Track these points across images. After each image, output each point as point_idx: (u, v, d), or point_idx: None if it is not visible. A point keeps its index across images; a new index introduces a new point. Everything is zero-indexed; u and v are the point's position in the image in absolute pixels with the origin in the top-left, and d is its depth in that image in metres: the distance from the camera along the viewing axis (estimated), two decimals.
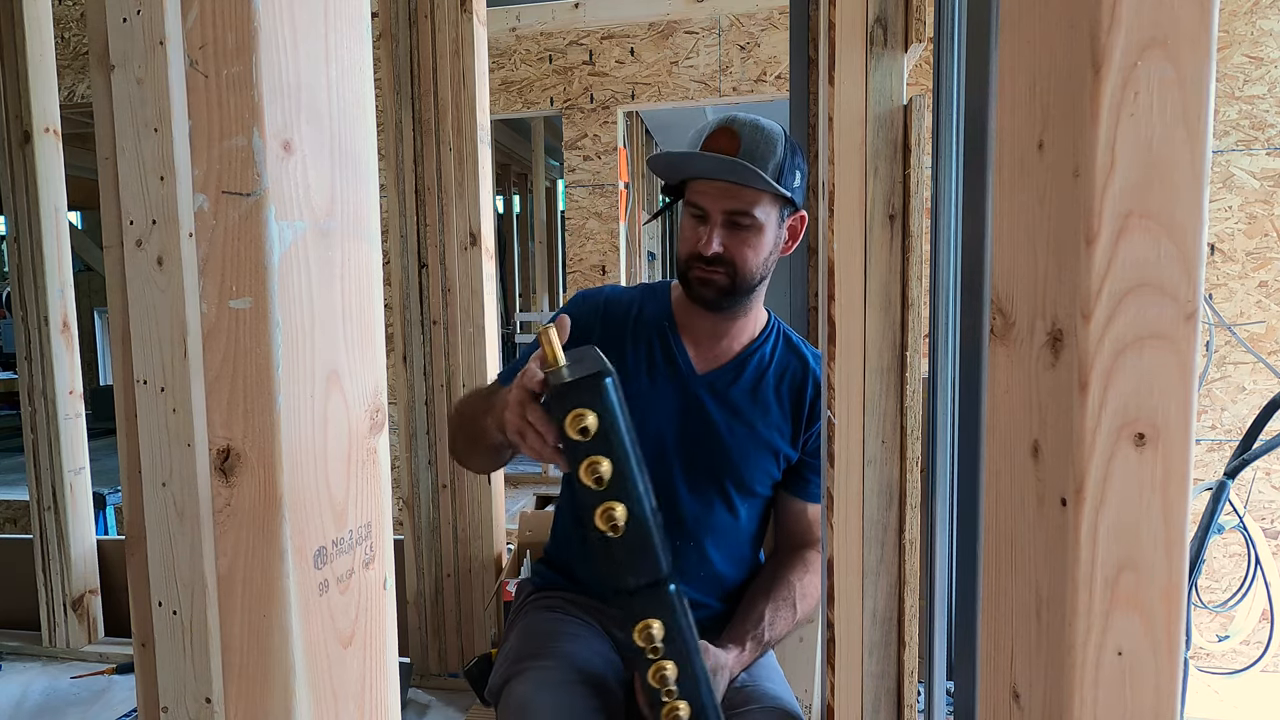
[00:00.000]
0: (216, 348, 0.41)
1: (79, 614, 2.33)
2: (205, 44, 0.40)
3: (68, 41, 3.22)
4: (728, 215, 1.08)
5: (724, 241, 1.09)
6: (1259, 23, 2.15)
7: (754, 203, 1.08)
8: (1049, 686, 0.44)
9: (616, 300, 1.23)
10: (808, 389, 1.19)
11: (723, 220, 1.09)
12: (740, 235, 1.09)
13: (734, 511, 1.18)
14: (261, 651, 0.42)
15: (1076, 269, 0.40)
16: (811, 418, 1.19)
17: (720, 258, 1.09)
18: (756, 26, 3.01)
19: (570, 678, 1.02)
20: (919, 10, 0.91)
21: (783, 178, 1.08)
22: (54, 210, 2.24)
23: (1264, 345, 2.19)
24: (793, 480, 1.23)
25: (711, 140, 1.09)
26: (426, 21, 1.96)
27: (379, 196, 0.49)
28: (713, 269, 1.10)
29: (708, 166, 1.07)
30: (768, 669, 1.16)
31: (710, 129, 1.10)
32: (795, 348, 1.23)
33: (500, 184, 6.61)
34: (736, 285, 1.12)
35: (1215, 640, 2.17)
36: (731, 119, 1.10)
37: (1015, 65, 0.46)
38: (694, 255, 1.11)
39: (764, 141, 1.07)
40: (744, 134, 1.07)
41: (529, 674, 1.03)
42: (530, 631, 1.15)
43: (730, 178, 1.06)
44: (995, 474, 0.50)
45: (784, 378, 1.19)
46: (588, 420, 0.81)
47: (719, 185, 1.08)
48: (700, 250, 1.09)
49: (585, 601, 1.21)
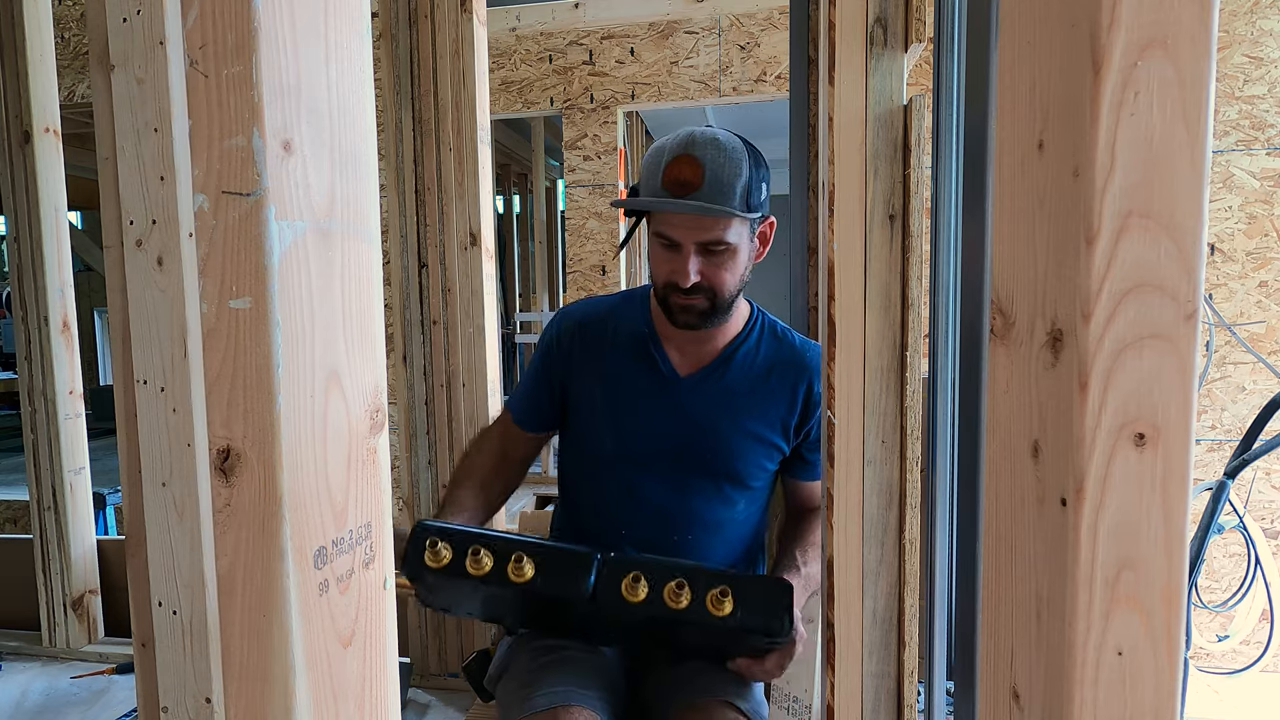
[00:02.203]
0: (216, 348, 0.41)
1: (79, 614, 2.33)
2: (205, 44, 0.40)
3: (68, 41, 3.22)
4: (700, 245, 1.06)
5: (700, 270, 1.07)
6: (1259, 23, 2.15)
7: (725, 229, 1.05)
8: (1049, 686, 0.44)
9: (592, 316, 1.24)
10: (800, 380, 1.19)
11: (695, 249, 1.06)
12: (716, 260, 1.07)
13: (731, 506, 1.19)
14: (261, 651, 0.42)
15: (1076, 269, 0.40)
16: (808, 407, 1.19)
17: (699, 286, 1.08)
18: (756, 26, 3.01)
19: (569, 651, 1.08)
20: (919, 10, 0.91)
21: (750, 197, 1.05)
22: (54, 210, 2.24)
23: (1264, 345, 2.19)
24: (795, 465, 1.25)
25: (674, 169, 1.03)
26: (426, 21, 1.96)
27: (379, 196, 0.49)
28: (691, 297, 1.09)
29: (677, 209, 1.04)
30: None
31: (670, 157, 1.05)
32: (782, 337, 1.23)
33: (500, 184, 6.61)
34: (717, 306, 1.11)
35: (1215, 640, 2.16)
36: (690, 142, 1.05)
37: (1015, 65, 0.46)
38: (670, 285, 1.09)
39: (728, 164, 1.03)
40: (706, 160, 1.03)
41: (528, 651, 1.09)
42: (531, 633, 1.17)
43: (702, 210, 1.03)
44: (995, 474, 0.50)
45: (773, 371, 1.19)
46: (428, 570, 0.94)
47: (688, 217, 1.04)
48: (677, 282, 1.08)
49: None
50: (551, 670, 1.05)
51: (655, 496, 1.17)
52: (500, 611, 1.05)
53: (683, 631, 0.97)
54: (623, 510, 1.18)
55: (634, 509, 1.17)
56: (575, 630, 1.08)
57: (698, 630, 0.96)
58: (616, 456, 1.18)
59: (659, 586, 0.94)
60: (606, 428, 1.18)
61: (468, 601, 1.02)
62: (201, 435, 1.27)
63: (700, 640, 1.00)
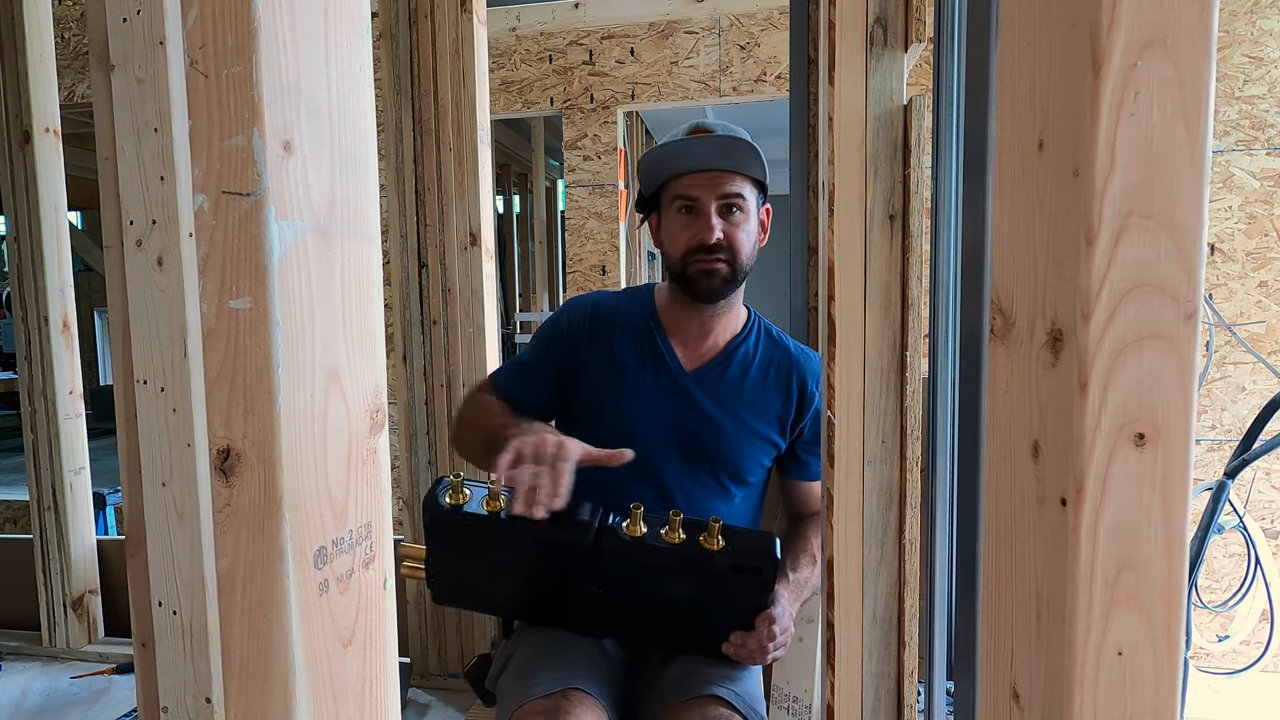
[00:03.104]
0: (216, 348, 0.41)
1: (79, 614, 2.32)
2: (205, 44, 0.40)
3: (68, 41, 3.22)
4: (721, 201, 1.13)
5: (722, 229, 1.14)
6: (1259, 23, 2.15)
7: (742, 185, 1.14)
8: (1049, 686, 0.44)
9: (603, 305, 1.28)
10: (794, 378, 1.24)
11: (717, 208, 1.14)
12: (734, 220, 1.15)
13: (729, 498, 1.22)
14: (261, 651, 0.42)
15: (1076, 269, 0.40)
16: (802, 404, 1.24)
17: (721, 245, 1.14)
18: (756, 26, 3.01)
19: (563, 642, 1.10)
20: (919, 10, 0.91)
21: (758, 169, 1.16)
22: (54, 210, 2.24)
23: (1264, 345, 2.19)
24: (791, 465, 1.28)
25: (693, 132, 1.17)
26: (426, 21, 1.96)
27: (379, 196, 0.49)
28: (715, 258, 1.14)
29: (706, 150, 1.13)
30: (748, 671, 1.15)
31: (686, 130, 1.19)
32: (777, 340, 1.28)
33: (500, 184, 6.61)
34: (735, 273, 1.17)
35: (1215, 640, 2.16)
36: (700, 123, 1.19)
37: (1015, 65, 0.46)
38: (694, 248, 1.15)
39: (735, 134, 1.15)
40: (718, 129, 1.16)
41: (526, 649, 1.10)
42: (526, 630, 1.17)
43: (723, 163, 1.12)
44: (995, 474, 0.50)
45: (769, 369, 1.24)
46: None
47: (707, 175, 1.13)
48: (703, 239, 1.14)
49: None
50: (550, 660, 1.06)
51: (657, 486, 1.19)
52: (506, 559, 1.05)
53: (677, 577, 1.01)
54: (624, 499, 1.19)
55: (636, 497, 1.18)
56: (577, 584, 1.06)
57: (692, 569, 0.99)
58: (621, 445, 1.19)
59: (657, 527, 1.02)
60: (613, 415, 1.21)
61: (477, 550, 1.03)
62: (201, 435, 1.27)
63: (694, 585, 1.02)
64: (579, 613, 1.09)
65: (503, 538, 1.00)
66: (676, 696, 1.05)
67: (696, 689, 1.04)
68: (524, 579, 1.07)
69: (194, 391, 1.26)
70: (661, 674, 1.12)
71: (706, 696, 1.03)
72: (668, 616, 1.07)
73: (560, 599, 1.09)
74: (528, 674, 1.04)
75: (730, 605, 1.04)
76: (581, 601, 1.07)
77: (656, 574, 1.02)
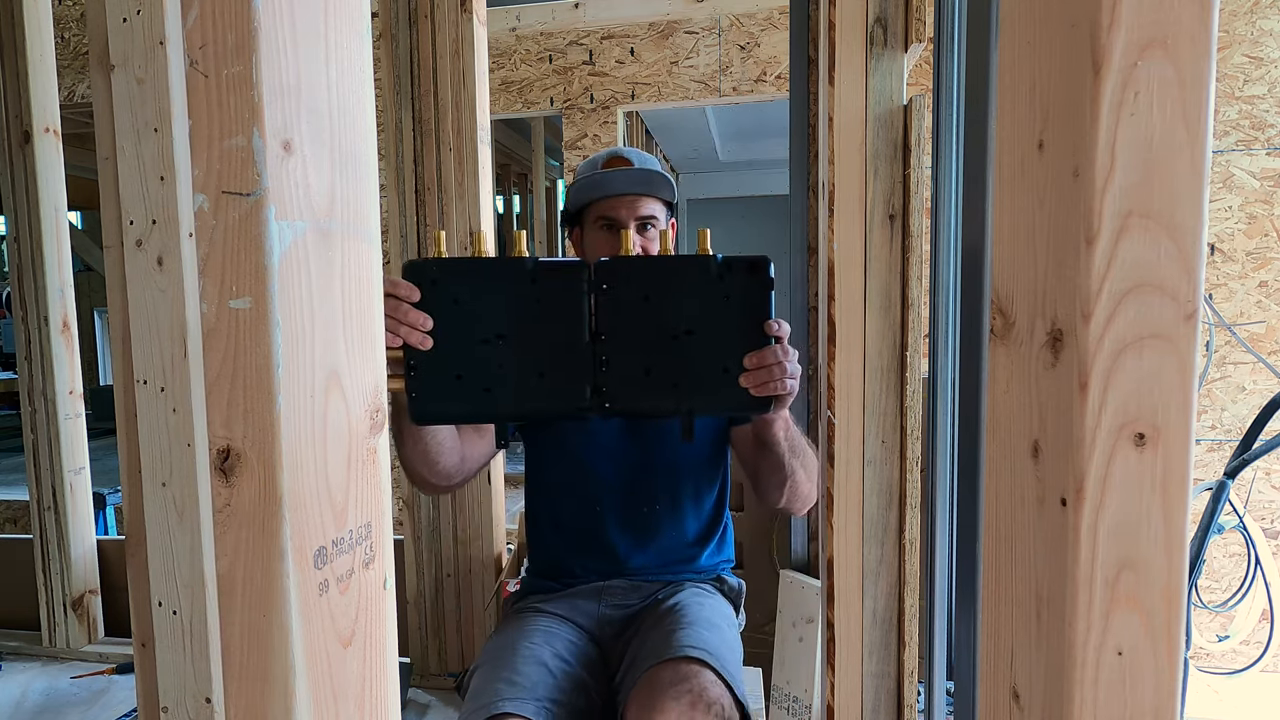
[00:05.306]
0: (216, 348, 0.41)
1: (79, 614, 2.32)
2: (205, 44, 0.40)
3: (68, 41, 3.22)
4: (639, 221, 1.23)
5: (640, 243, 1.22)
6: (1259, 23, 2.15)
7: (656, 208, 1.26)
8: (1049, 686, 0.44)
9: None
10: None
11: (635, 227, 1.23)
12: (649, 235, 1.25)
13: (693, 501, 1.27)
14: (261, 651, 0.42)
15: (1076, 269, 0.40)
16: None
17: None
18: (756, 26, 3.01)
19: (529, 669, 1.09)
20: (919, 10, 0.91)
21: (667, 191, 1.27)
22: (54, 210, 2.24)
23: (1264, 345, 2.19)
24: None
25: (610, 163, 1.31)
26: (426, 21, 1.96)
27: (379, 196, 0.49)
28: None
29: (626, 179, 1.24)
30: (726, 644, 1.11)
31: (604, 157, 1.33)
32: None
33: (500, 184, 6.61)
34: None
35: (1215, 640, 2.17)
36: (617, 152, 1.34)
37: (1015, 65, 0.46)
38: None
39: (649, 162, 1.30)
40: (633, 158, 1.30)
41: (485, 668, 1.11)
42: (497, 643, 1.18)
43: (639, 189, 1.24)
44: (995, 474, 0.50)
45: None
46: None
47: (626, 198, 1.24)
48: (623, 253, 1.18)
49: (558, 600, 1.25)
50: (491, 683, 1.05)
51: (627, 463, 1.25)
52: (495, 309, 0.97)
53: (677, 289, 0.96)
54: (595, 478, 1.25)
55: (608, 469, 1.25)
56: (572, 333, 0.98)
57: (690, 273, 0.95)
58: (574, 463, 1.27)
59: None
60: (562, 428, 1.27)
61: (462, 309, 0.97)
62: (201, 435, 1.27)
63: (694, 300, 0.96)
64: (576, 383, 0.98)
65: (496, 275, 0.97)
66: (648, 664, 1.04)
67: (668, 652, 1.04)
68: (513, 344, 0.98)
69: (194, 391, 1.26)
70: (634, 658, 1.11)
71: (680, 658, 1.02)
72: (673, 357, 0.98)
73: (556, 370, 0.98)
74: (472, 698, 1.05)
75: (733, 318, 0.96)
76: (579, 367, 0.98)
77: (654, 292, 0.96)
